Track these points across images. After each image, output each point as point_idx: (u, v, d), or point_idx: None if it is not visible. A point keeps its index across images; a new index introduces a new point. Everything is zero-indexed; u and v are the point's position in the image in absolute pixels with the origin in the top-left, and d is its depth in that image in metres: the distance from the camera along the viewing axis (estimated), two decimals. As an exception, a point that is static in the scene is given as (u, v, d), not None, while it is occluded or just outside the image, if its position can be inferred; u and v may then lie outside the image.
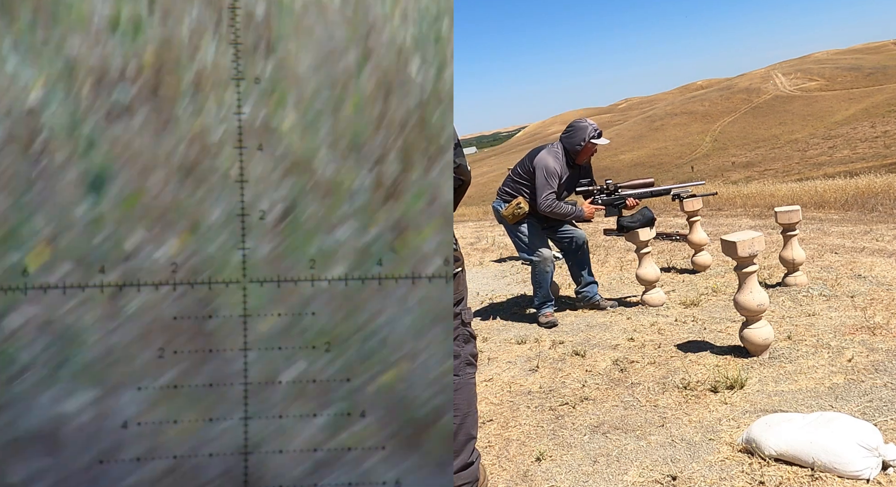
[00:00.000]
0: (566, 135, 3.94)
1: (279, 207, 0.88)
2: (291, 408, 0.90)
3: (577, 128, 3.90)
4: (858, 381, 2.56)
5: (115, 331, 0.86)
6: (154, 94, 0.85)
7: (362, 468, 0.91)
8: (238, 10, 0.85)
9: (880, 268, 4.22)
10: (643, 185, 4.03)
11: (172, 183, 0.86)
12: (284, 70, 0.87)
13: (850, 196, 7.75)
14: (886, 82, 74.69)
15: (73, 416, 0.86)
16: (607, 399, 2.75)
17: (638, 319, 3.86)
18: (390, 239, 0.90)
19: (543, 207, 3.85)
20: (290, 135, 0.88)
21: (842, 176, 13.31)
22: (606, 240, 6.52)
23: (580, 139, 3.86)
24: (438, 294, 0.90)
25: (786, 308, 3.65)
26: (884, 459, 1.89)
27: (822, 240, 5.38)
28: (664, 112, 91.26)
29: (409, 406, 0.91)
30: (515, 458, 2.34)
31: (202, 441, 0.88)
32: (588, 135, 3.84)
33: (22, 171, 0.83)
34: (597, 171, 4.25)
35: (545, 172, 3.82)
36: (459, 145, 1.70)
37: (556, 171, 3.84)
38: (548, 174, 3.82)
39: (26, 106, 0.82)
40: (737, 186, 11.69)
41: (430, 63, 0.89)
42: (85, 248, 0.85)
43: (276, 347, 0.89)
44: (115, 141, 0.85)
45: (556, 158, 3.87)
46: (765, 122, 72.97)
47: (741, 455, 2.10)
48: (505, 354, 3.55)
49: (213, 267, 0.87)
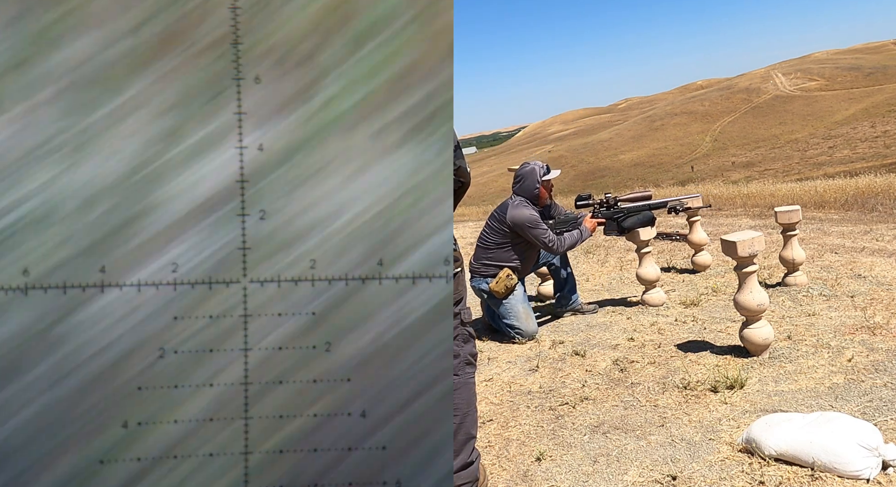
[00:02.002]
0: (518, 185, 3.81)
1: (279, 207, 0.88)
2: (291, 408, 0.90)
3: (526, 175, 3.78)
4: (858, 381, 2.56)
5: (116, 331, 0.86)
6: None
7: (362, 468, 0.91)
8: (238, 9, 0.85)
9: (880, 268, 4.22)
10: (641, 198, 4.05)
11: (172, 183, 0.86)
12: (283, 70, 0.87)
13: (850, 196, 7.75)
14: (886, 82, 74.69)
15: (74, 416, 0.86)
16: (607, 399, 2.75)
17: (638, 319, 3.86)
18: (390, 239, 0.90)
19: (558, 250, 3.73)
20: (290, 134, 0.88)
21: (842, 176, 13.32)
22: (606, 240, 6.52)
23: (534, 183, 3.76)
24: (438, 294, 0.90)
25: (786, 308, 3.65)
26: (884, 459, 1.89)
27: (822, 240, 5.38)
28: (664, 112, 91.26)
29: (409, 406, 0.91)
30: (515, 458, 2.34)
31: (202, 441, 0.88)
32: (539, 176, 3.76)
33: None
34: (597, 171, 4.26)
35: (529, 222, 3.65)
36: (459, 146, 1.70)
37: (536, 215, 3.70)
38: (532, 222, 3.65)
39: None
40: (737, 186, 11.69)
41: (430, 62, 0.89)
42: (85, 248, 0.85)
43: (276, 347, 0.89)
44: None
45: (525, 206, 3.72)
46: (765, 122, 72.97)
47: (741, 455, 2.10)
48: (505, 354, 3.55)
49: (213, 267, 0.87)
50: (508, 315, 3.70)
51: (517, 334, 3.69)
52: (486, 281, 3.77)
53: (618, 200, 4.03)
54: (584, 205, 4.04)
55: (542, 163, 3.88)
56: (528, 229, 3.66)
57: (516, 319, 3.68)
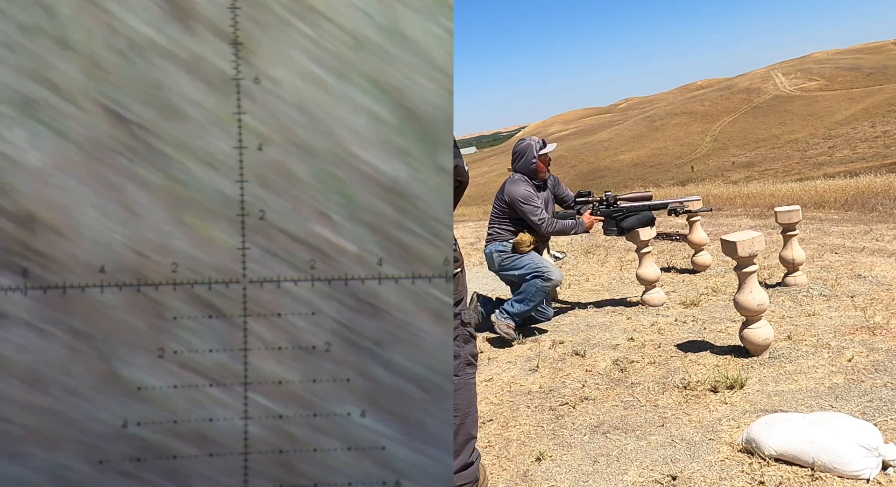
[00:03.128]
0: (515, 161, 3.92)
1: (279, 207, 0.88)
2: (291, 408, 0.90)
3: (523, 150, 3.89)
4: (858, 381, 2.56)
5: (115, 331, 0.86)
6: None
7: (362, 468, 0.91)
8: (238, 10, 0.85)
9: (880, 268, 4.22)
10: (641, 198, 4.06)
11: (172, 184, 0.86)
12: (281, 72, 0.87)
13: (850, 196, 7.75)
14: (886, 82, 74.68)
15: (74, 416, 0.86)
16: (607, 399, 2.75)
17: (638, 319, 3.86)
18: (390, 239, 0.90)
19: (545, 229, 3.77)
20: (290, 134, 0.88)
21: (842, 176, 13.32)
22: (606, 240, 6.52)
23: (530, 159, 3.85)
24: (438, 294, 0.90)
25: (786, 308, 3.65)
26: (884, 459, 1.89)
27: (822, 240, 5.39)
28: (664, 112, 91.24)
29: (409, 406, 0.91)
30: (515, 458, 2.34)
31: (202, 440, 0.88)
32: (535, 151, 3.85)
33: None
34: (597, 171, 4.27)
35: (522, 199, 3.74)
36: (457, 146, 1.70)
37: (531, 192, 3.79)
38: (525, 198, 3.74)
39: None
40: (737, 186, 11.69)
41: (430, 63, 0.89)
42: (85, 248, 0.85)
43: (276, 347, 0.89)
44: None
45: (524, 182, 3.82)
46: (765, 122, 72.97)
47: (741, 455, 2.10)
48: (505, 354, 3.55)
49: (213, 267, 0.87)
50: (535, 262, 3.71)
51: (546, 280, 3.66)
52: (501, 243, 3.83)
53: (617, 199, 4.04)
54: (583, 201, 4.04)
55: (539, 139, 3.94)
56: (520, 203, 3.75)
57: (544, 265, 3.71)
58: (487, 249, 3.92)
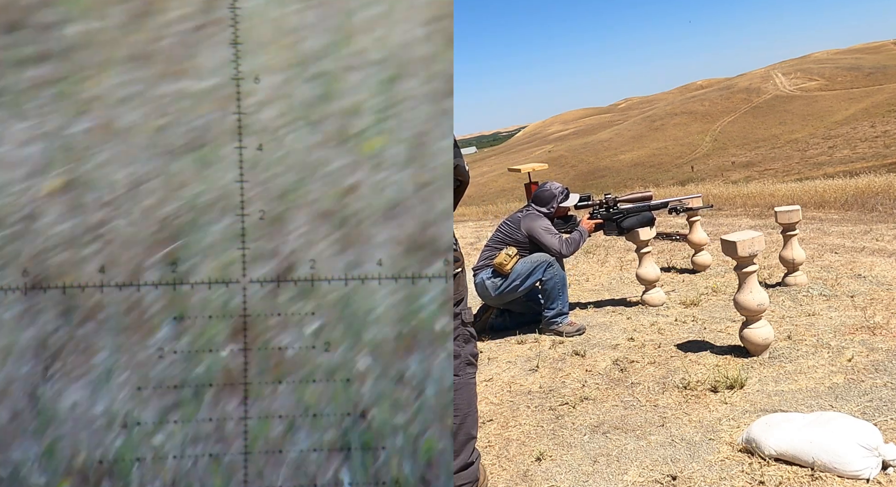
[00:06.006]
0: (536, 199, 3.99)
1: (279, 208, 0.88)
2: (291, 408, 0.90)
3: (548, 196, 3.95)
4: (858, 381, 2.56)
5: (115, 331, 0.86)
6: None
7: (362, 468, 0.91)
8: (238, 10, 0.86)
9: (880, 268, 4.22)
10: (641, 199, 4.06)
11: (172, 184, 0.86)
12: (282, 76, 0.87)
13: (850, 196, 7.75)
14: (886, 82, 74.69)
15: (74, 416, 0.86)
16: (607, 399, 2.75)
17: (638, 319, 3.86)
18: (389, 239, 0.90)
19: (567, 253, 3.86)
20: (290, 136, 0.88)
21: (842, 175, 13.32)
22: (606, 240, 6.52)
23: (552, 205, 3.93)
24: (438, 294, 0.90)
25: (786, 308, 3.65)
26: (884, 459, 1.89)
27: (822, 240, 5.38)
28: (664, 112, 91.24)
29: (409, 406, 0.91)
30: (515, 458, 2.34)
31: (202, 440, 0.88)
32: (558, 201, 3.93)
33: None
34: (597, 171, 4.28)
35: (544, 229, 3.84)
36: (457, 145, 1.70)
37: (549, 223, 3.91)
38: (546, 228, 3.85)
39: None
40: (737, 186, 11.69)
41: (429, 64, 0.89)
42: (85, 249, 0.85)
43: (276, 347, 0.89)
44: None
45: (540, 217, 3.91)
46: (765, 122, 72.97)
47: (741, 455, 2.10)
48: (505, 354, 3.55)
49: (213, 268, 0.87)
50: (529, 266, 3.72)
51: (552, 265, 3.71)
52: (491, 268, 3.81)
53: (617, 201, 4.04)
54: (584, 206, 4.05)
55: (564, 188, 3.98)
56: (542, 234, 3.81)
57: (537, 262, 3.72)
58: (478, 278, 3.85)
